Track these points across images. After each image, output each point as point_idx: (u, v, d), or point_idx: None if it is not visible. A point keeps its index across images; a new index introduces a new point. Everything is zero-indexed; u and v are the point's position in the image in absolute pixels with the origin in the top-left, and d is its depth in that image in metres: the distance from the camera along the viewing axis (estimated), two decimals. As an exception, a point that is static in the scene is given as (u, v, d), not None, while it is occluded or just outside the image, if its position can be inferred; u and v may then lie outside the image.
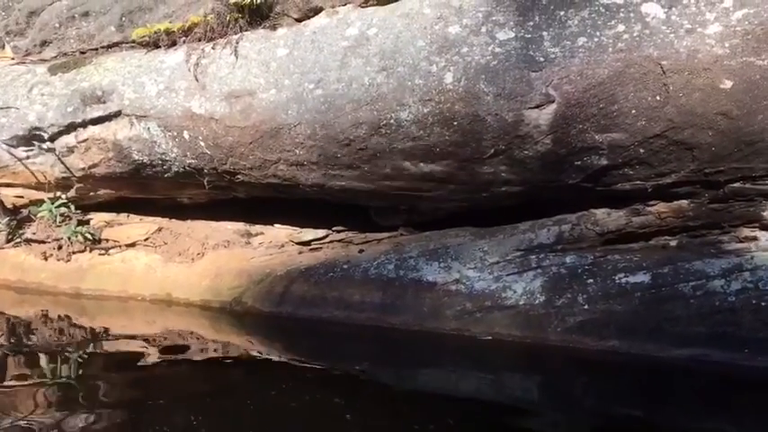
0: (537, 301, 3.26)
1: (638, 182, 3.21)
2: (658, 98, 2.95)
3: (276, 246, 4.18)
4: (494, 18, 3.16)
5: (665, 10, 2.92)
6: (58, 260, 4.35)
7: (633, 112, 2.99)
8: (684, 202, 3.26)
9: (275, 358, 3.32)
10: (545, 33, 3.08)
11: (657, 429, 2.47)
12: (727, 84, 2.87)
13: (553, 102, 3.07)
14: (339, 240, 4.10)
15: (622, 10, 2.98)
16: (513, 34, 3.12)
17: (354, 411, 2.57)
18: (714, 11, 2.86)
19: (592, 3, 3.02)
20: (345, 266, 3.73)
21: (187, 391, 2.88)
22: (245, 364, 3.20)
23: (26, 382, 2.87)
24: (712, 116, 2.92)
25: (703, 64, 2.87)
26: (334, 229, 4.16)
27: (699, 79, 2.89)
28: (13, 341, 3.58)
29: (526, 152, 3.21)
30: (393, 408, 2.68)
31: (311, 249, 4.07)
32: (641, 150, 3.07)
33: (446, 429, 2.44)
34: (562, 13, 3.07)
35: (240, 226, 4.38)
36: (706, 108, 2.91)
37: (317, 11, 3.63)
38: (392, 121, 3.30)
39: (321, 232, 4.15)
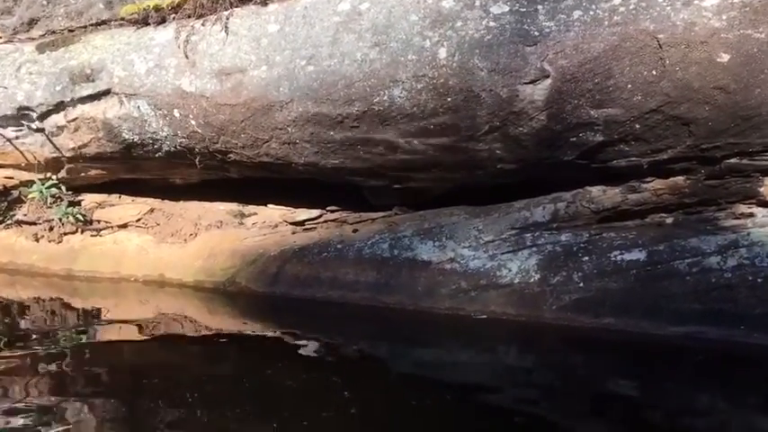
0: (532, 280, 3.24)
1: (633, 158, 3.18)
2: (654, 72, 2.91)
3: (270, 226, 4.15)
4: (488, -9, 3.11)
5: (662, -18, 2.88)
6: (50, 242, 4.32)
7: (629, 86, 2.96)
8: (680, 179, 3.22)
9: (270, 338, 3.30)
10: (540, 7, 3.03)
11: (652, 407, 2.45)
12: (725, 57, 2.83)
13: (548, 77, 3.03)
14: (333, 220, 4.07)
15: (619, -18, 2.94)
16: (507, 8, 3.07)
17: (352, 389, 2.55)
18: (712, -18, 2.82)
19: (587, -25, 2.98)
20: (339, 246, 3.70)
21: (182, 371, 2.85)
22: (239, 344, 3.18)
23: (20, 365, 2.84)
24: (709, 90, 2.88)
25: (700, 37, 2.83)
26: (328, 209, 4.12)
27: (696, 53, 2.85)
28: (5, 324, 3.55)
29: (521, 129, 3.18)
30: (390, 385, 2.66)
31: (305, 229, 4.04)
32: (637, 126, 3.04)
33: (443, 406, 2.42)
34: (557, -14, 3.02)
35: (233, 206, 4.34)
36: (703, 82, 2.88)
37: (308, -14, 3.57)
38: (385, 97, 3.26)
39: (315, 212, 4.12)
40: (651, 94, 2.94)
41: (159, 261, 4.10)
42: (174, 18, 3.83)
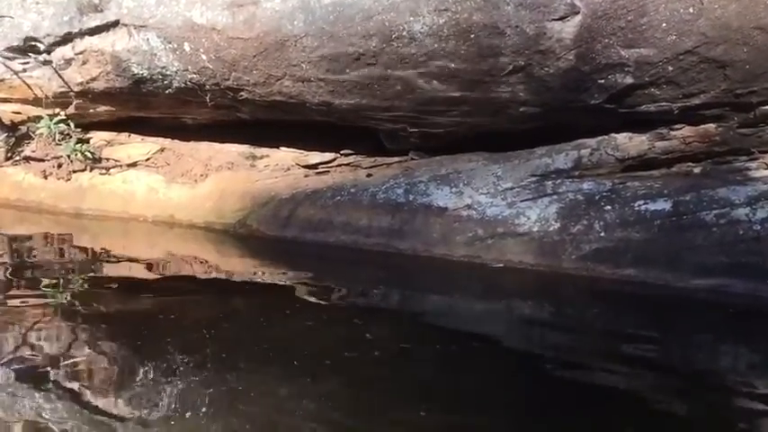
0: (551, 228, 3.15)
1: (663, 103, 3.04)
2: (691, 10, 2.76)
3: (282, 169, 4.06)
4: None
5: None
6: (58, 179, 4.26)
7: (664, 25, 2.81)
8: (712, 126, 3.10)
9: (283, 281, 3.23)
10: (573, -63, 2.86)
11: (672, 362, 2.38)
12: (768, -5, 2.67)
13: (578, 13, 2.88)
14: (347, 164, 3.98)
15: None
16: (537, -63, 2.90)
17: (374, 333, 2.50)
18: None
19: None
20: (353, 190, 3.61)
21: (197, 310, 2.80)
22: (252, 286, 3.13)
23: (28, 304, 2.79)
24: (748, 30, 2.74)
25: (743, -28, 2.67)
26: (341, 152, 4.02)
27: (737, -11, 2.69)
28: (14, 260, 3.51)
29: (547, 69, 3.04)
30: (411, 332, 2.61)
31: (318, 173, 3.95)
32: (670, 68, 2.90)
33: (467, 354, 2.37)
34: None
35: (245, 148, 4.25)
36: (742, 21, 2.73)
37: None
38: (404, 33, 3.12)
39: (328, 155, 4.02)
40: (687, 34, 2.80)
41: (169, 201, 4.04)
42: (185, -55, 3.66)
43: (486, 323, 2.77)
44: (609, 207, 3.11)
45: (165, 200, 4.06)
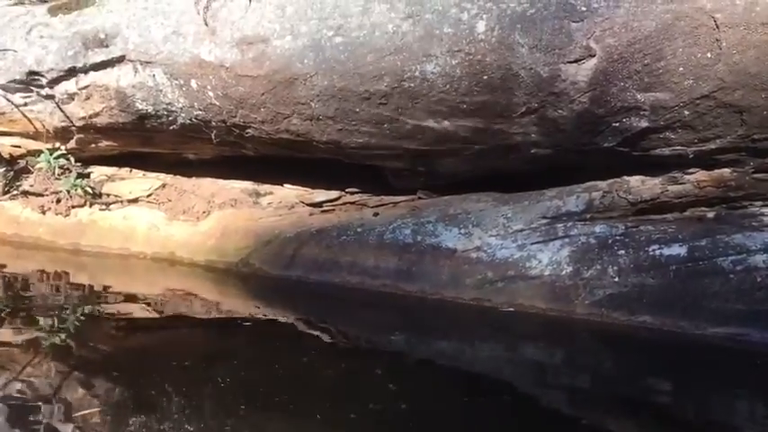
0: (563, 272, 3.08)
1: (678, 147, 3.00)
2: (709, 55, 2.74)
3: (286, 206, 3.99)
4: (532, -38, 2.92)
5: (722, -43, 2.70)
6: (57, 214, 4.17)
7: (680, 69, 2.78)
8: (726, 171, 3.05)
9: (294, 324, 3.15)
10: (588, -20, 2.85)
11: (686, 413, 2.33)
12: (786, 41, 2.66)
13: (594, 56, 2.86)
14: (353, 203, 3.91)
15: (675, -44, 2.75)
16: (552, -20, 2.89)
17: (398, 382, 2.42)
18: (777, -42, 2.64)
19: (640, -53, 2.80)
20: (359, 230, 3.54)
21: (203, 354, 2.71)
22: (262, 329, 3.05)
23: (22, 342, 2.73)
24: (767, 76, 2.70)
25: (761, 18, 2.66)
26: (347, 190, 3.96)
27: (755, 35, 2.68)
28: (9, 297, 3.43)
29: (560, 111, 3.01)
30: (436, 380, 2.55)
31: (323, 211, 3.88)
32: (686, 112, 2.86)
33: (495, 404, 2.33)
34: (607, -42, 2.84)
35: (248, 185, 4.18)
36: (761, 67, 2.70)
37: (338, -48, 3.39)
38: (417, 73, 3.09)
39: (334, 194, 3.96)
40: (704, 79, 2.77)
41: (170, 239, 3.96)
42: (193, -18, 3.64)
43: (506, 372, 2.74)
44: (622, 251, 3.06)
45: (165, 237, 3.97)
